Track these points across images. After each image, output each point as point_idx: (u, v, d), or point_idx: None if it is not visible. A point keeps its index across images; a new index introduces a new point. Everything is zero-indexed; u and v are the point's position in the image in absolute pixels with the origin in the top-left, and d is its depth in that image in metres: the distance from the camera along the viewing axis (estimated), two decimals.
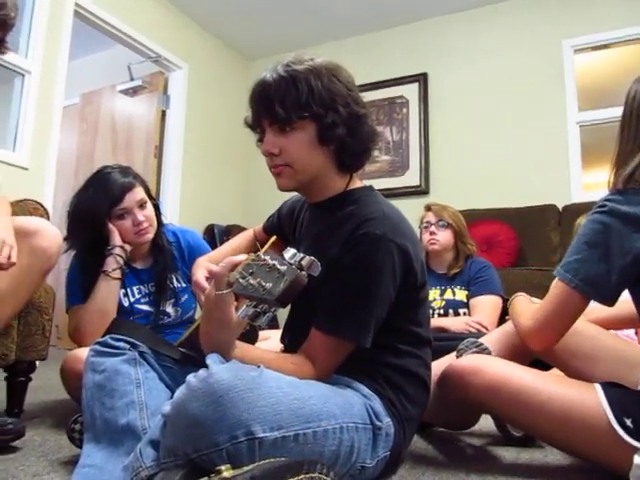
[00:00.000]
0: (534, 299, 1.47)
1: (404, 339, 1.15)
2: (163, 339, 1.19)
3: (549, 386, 1.16)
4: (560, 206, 3.43)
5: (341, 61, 1.18)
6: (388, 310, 1.09)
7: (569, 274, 1.12)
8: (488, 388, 1.21)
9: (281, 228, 1.40)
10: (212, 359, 0.90)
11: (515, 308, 1.41)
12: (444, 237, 2.39)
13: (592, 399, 1.10)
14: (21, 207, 1.78)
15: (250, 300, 0.91)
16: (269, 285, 0.86)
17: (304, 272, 0.88)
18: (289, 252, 0.91)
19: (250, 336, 1.13)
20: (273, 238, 1.28)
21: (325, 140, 1.11)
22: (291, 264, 0.88)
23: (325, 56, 1.16)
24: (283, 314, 1.27)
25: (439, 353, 1.70)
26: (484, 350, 1.41)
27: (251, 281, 0.89)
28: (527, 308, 1.34)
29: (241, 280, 0.91)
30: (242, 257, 0.96)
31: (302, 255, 0.90)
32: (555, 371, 1.50)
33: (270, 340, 1.63)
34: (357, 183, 1.22)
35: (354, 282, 1.05)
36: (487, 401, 1.24)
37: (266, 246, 1.22)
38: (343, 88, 1.12)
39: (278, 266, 0.87)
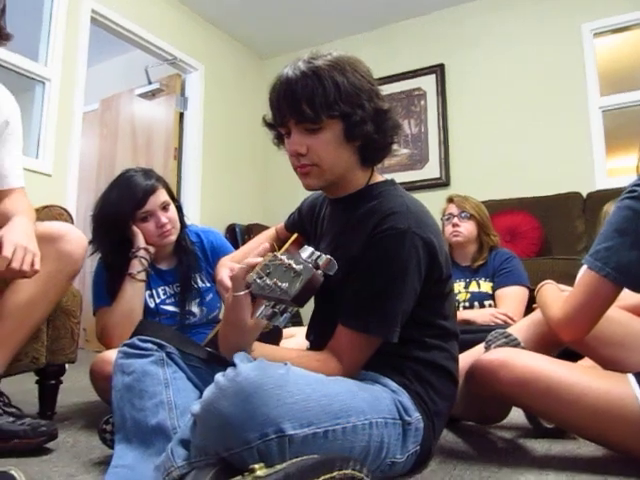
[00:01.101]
0: (562, 286, 1.44)
1: (431, 332, 1.15)
2: (190, 339, 1.20)
3: (580, 378, 1.14)
4: (584, 193, 3.37)
5: (358, 55, 1.17)
6: (414, 304, 1.08)
7: (599, 262, 1.09)
8: (518, 382, 1.19)
9: (302, 225, 1.39)
10: (239, 358, 0.90)
11: (544, 298, 1.38)
12: (467, 229, 2.37)
13: (625, 390, 1.08)
14: (46, 213, 1.80)
15: (268, 300, 0.91)
16: (285, 285, 0.86)
17: (320, 271, 0.88)
18: (306, 251, 0.91)
19: (273, 336, 1.13)
20: (294, 236, 1.28)
21: (352, 137, 1.09)
22: (308, 263, 0.88)
23: (341, 51, 1.15)
24: (307, 312, 1.27)
25: (465, 346, 1.68)
26: (513, 341, 1.39)
27: (268, 281, 0.89)
28: (556, 298, 1.32)
29: (258, 280, 0.91)
30: (259, 258, 0.96)
31: (319, 254, 0.90)
32: (585, 361, 1.47)
33: (296, 337, 1.63)
34: (378, 177, 1.21)
35: (380, 277, 1.04)
36: (517, 395, 1.22)
37: (287, 244, 1.22)
38: (366, 82, 1.10)
39: (294, 265, 0.87)
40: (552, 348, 1.34)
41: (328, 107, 1.05)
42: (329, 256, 0.90)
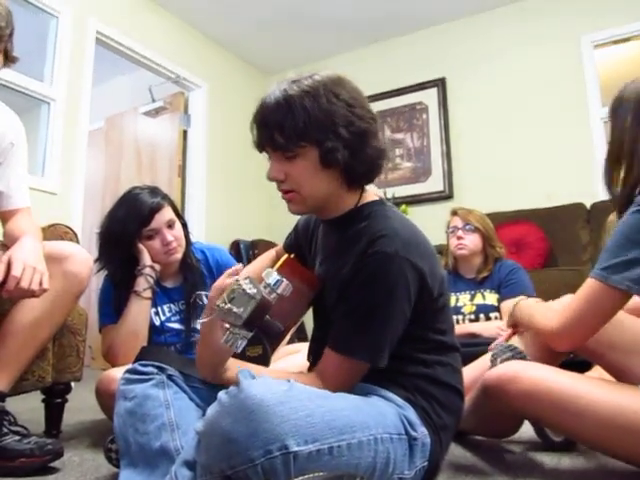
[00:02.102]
0: (537, 299, 1.45)
1: (428, 348, 1.13)
2: (191, 360, 1.21)
3: (591, 390, 1.13)
4: (588, 204, 3.36)
5: (359, 70, 1.18)
6: (404, 327, 1.07)
7: (616, 275, 1.07)
8: (527, 395, 1.18)
9: (299, 245, 1.39)
10: (243, 374, 0.90)
11: (527, 310, 1.37)
12: (472, 241, 2.37)
13: (636, 402, 1.07)
14: (51, 232, 1.82)
15: (230, 325, 0.93)
16: (240, 310, 0.89)
17: (274, 294, 0.92)
18: (270, 275, 0.95)
19: (261, 361, 1.13)
20: (284, 257, 1.28)
21: (328, 164, 1.08)
22: (265, 287, 0.92)
23: (343, 66, 1.15)
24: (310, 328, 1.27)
25: (471, 359, 1.68)
26: (519, 354, 1.38)
27: (228, 306, 0.91)
28: (543, 309, 1.31)
29: (222, 305, 0.92)
30: (229, 281, 0.97)
31: (278, 278, 0.94)
32: (594, 372, 1.47)
33: (302, 352, 1.63)
34: (369, 197, 1.19)
35: (366, 301, 1.04)
36: (527, 408, 1.21)
37: (276, 265, 1.22)
38: (343, 106, 1.07)
39: (248, 291, 0.90)
40: (558, 358, 1.33)
41: (298, 135, 1.04)
42: (288, 282, 0.94)
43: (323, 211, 1.19)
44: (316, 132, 1.05)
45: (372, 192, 1.22)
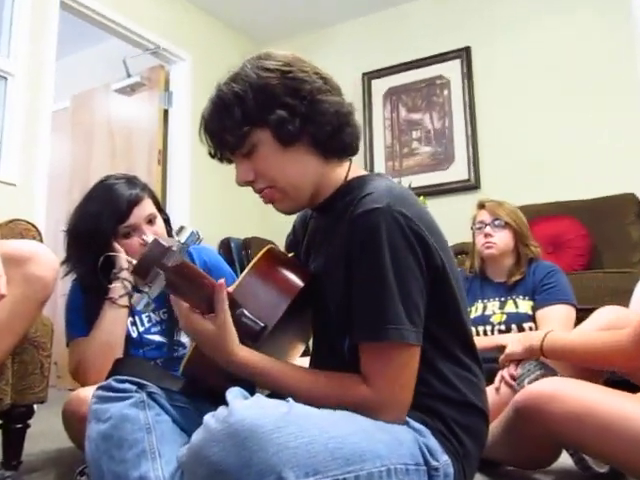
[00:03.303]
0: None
1: (444, 354, 1.12)
2: (167, 372, 1.21)
3: None
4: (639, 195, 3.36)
5: (367, 40, 1.21)
6: (425, 293, 1.06)
7: None
8: (571, 418, 1.18)
9: (297, 244, 1.40)
10: (233, 394, 0.90)
11: (568, 342, 1.39)
12: (502, 239, 2.37)
13: None
14: (10, 229, 1.82)
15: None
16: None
17: (178, 242, 1.01)
18: (184, 232, 1.05)
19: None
20: (264, 249, 1.28)
21: (287, 140, 1.12)
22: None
23: (348, 36, 1.17)
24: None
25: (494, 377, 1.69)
26: (550, 372, 1.38)
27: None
28: (592, 332, 1.33)
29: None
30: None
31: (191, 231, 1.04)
32: None
33: None
34: (359, 171, 1.22)
35: (370, 274, 1.03)
36: (567, 432, 1.21)
37: (255, 259, 1.23)
38: (277, 76, 1.11)
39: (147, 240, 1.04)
40: (596, 378, 1.33)
41: (242, 124, 1.10)
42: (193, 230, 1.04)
43: (314, 200, 1.20)
44: (257, 112, 1.10)
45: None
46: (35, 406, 1.82)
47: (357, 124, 1.20)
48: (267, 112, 1.10)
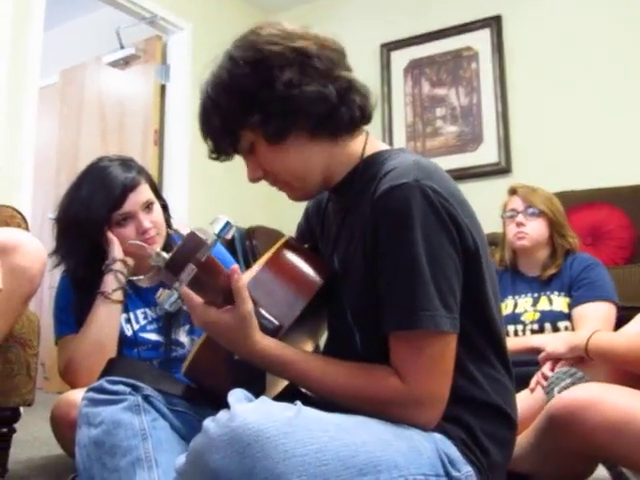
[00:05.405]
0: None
1: (471, 356, 1.11)
2: (166, 374, 1.22)
3: None
4: None
5: (385, 10, 1.20)
6: (461, 277, 1.06)
7: None
8: (610, 426, 1.18)
9: (311, 232, 1.40)
10: (235, 397, 0.91)
11: (615, 340, 1.39)
12: (535, 229, 2.36)
13: None
14: None
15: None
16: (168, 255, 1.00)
17: (211, 236, 1.02)
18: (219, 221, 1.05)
19: (256, 382, 1.14)
20: (282, 240, 1.29)
21: (277, 137, 1.12)
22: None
23: (362, 3, 1.17)
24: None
25: (527, 381, 1.69)
26: (580, 379, 1.38)
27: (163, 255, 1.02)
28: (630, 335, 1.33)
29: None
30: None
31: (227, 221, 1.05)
32: None
33: None
34: (377, 145, 1.23)
35: (398, 255, 1.03)
36: (605, 443, 1.21)
37: (272, 249, 1.24)
38: (247, 72, 1.13)
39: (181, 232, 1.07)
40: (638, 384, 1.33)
41: (226, 131, 1.16)
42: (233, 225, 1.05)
43: (328, 182, 1.22)
44: (236, 117, 1.14)
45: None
46: (21, 409, 1.84)
47: (360, 94, 1.16)
48: (246, 114, 1.12)
